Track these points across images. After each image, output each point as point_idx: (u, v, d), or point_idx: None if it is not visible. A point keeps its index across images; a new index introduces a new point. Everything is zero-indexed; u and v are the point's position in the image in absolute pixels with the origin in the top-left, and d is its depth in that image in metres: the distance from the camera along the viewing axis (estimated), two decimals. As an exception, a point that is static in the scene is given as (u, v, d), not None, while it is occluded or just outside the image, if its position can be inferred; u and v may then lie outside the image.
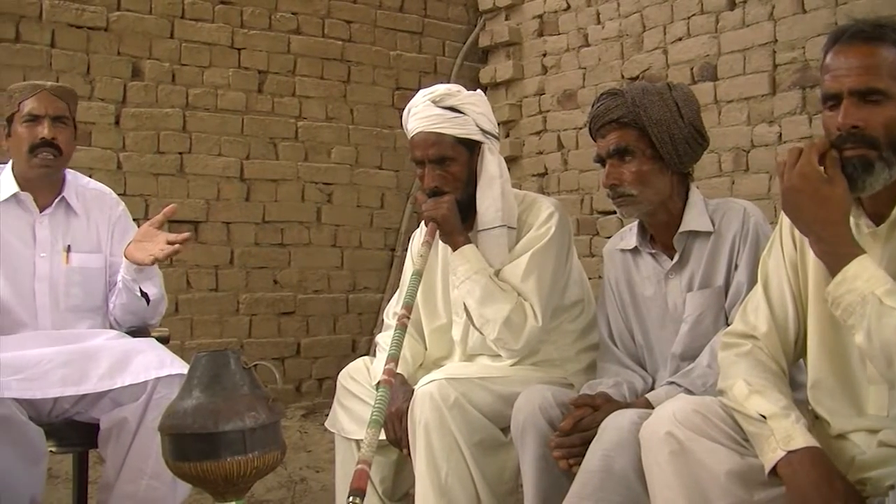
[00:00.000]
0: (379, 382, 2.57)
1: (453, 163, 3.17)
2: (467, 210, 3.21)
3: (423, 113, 3.19)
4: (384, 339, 3.43)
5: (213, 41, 6.18)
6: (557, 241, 3.18)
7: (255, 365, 2.23)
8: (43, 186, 3.45)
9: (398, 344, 2.66)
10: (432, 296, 3.45)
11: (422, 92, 3.26)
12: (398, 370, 3.27)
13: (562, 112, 6.76)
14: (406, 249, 3.66)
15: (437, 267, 3.41)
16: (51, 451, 3.16)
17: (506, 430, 2.94)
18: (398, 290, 3.58)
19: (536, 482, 2.76)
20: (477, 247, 3.16)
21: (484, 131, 3.21)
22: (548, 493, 2.74)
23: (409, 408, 2.98)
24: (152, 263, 3.31)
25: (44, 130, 3.35)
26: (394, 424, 3.06)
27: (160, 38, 5.99)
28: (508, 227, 3.16)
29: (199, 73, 6.12)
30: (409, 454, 3.02)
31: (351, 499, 2.04)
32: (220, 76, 6.18)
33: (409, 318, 2.78)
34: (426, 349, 3.47)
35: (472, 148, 3.20)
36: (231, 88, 6.22)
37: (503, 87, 7.23)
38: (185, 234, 3.33)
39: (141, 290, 3.41)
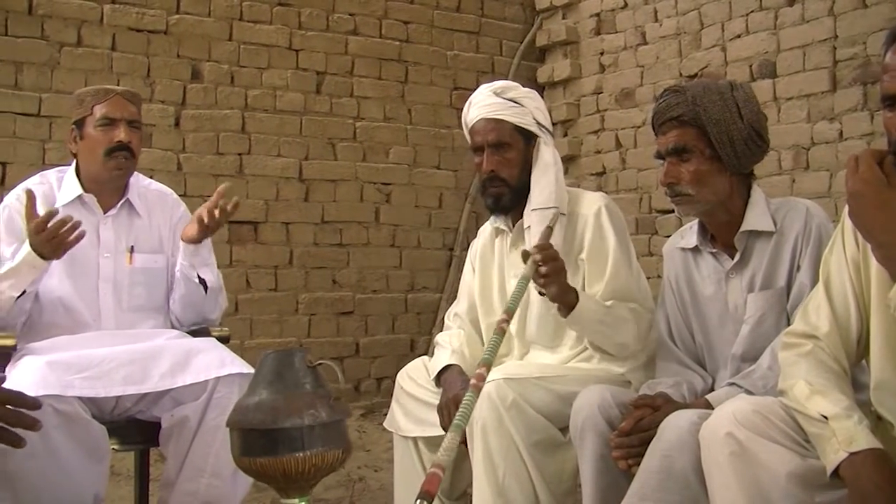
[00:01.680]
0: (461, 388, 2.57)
1: (510, 149, 3.26)
2: (519, 199, 3.28)
3: (484, 101, 3.30)
4: (443, 338, 3.45)
5: (271, 43, 6.22)
6: (620, 232, 3.22)
7: (319, 364, 2.24)
8: (109, 188, 3.50)
9: (493, 349, 2.64)
10: (488, 292, 3.47)
11: (483, 85, 3.37)
12: (454, 362, 3.30)
13: (620, 111, 6.72)
14: (465, 249, 3.67)
15: (492, 263, 3.45)
16: (113, 449, 3.20)
17: (564, 429, 2.93)
18: (459, 292, 3.64)
19: (595, 482, 2.74)
20: (528, 227, 3.22)
21: (539, 124, 3.30)
22: (607, 493, 2.72)
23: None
24: (202, 232, 3.38)
25: (120, 134, 3.39)
26: (449, 411, 3.08)
27: (219, 40, 6.05)
28: (560, 213, 3.19)
29: (257, 75, 6.16)
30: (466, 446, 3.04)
31: (419, 502, 2.03)
32: (278, 77, 6.22)
33: (508, 322, 2.77)
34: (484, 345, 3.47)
35: (528, 139, 3.29)
36: (289, 90, 6.26)
37: (560, 86, 7.20)
38: (222, 187, 3.44)
39: (199, 277, 3.45)
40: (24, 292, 3.19)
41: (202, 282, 3.47)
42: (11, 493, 2.83)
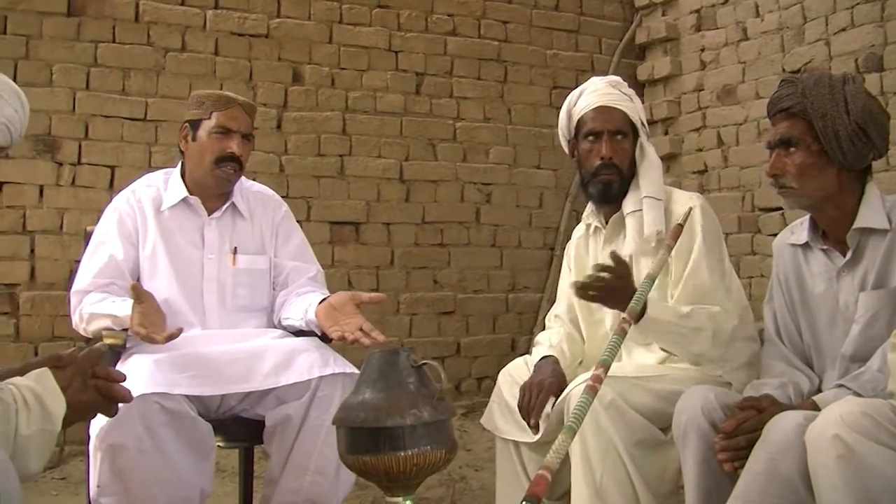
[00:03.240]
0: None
1: (626, 139, 3.29)
2: (623, 191, 3.28)
3: (602, 90, 3.33)
4: (543, 336, 3.44)
5: (370, 45, 6.26)
6: (709, 232, 3.16)
7: (424, 363, 2.24)
8: (214, 192, 3.55)
9: (613, 350, 2.62)
10: None
11: (596, 78, 3.42)
12: (550, 353, 3.28)
13: (721, 108, 6.60)
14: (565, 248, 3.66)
15: (587, 262, 3.41)
16: (218, 446, 3.25)
17: (666, 429, 2.90)
18: (558, 293, 3.63)
19: (698, 484, 2.70)
20: (633, 213, 3.24)
21: (642, 123, 3.33)
22: (710, 495, 2.67)
23: (565, 406, 2.96)
24: (336, 339, 3.30)
25: (233, 146, 3.44)
26: (530, 393, 3.07)
27: (319, 43, 6.10)
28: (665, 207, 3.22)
29: (357, 77, 6.20)
30: (531, 428, 3.06)
31: (524, 504, 2.02)
32: (378, 79, 6.26)
33: (629, 323, 2.75)
34: (584, 344, 3.45)
35: (636, 133, 3.32)
36: (389, 91, 6.29)
37: (661, 83, 7.10)
38: (377, 338, 3.22)
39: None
40: None
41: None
42: (122, 488, 2.91)
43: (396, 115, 6.30)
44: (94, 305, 3.26)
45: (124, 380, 2.27)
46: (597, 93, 3.32)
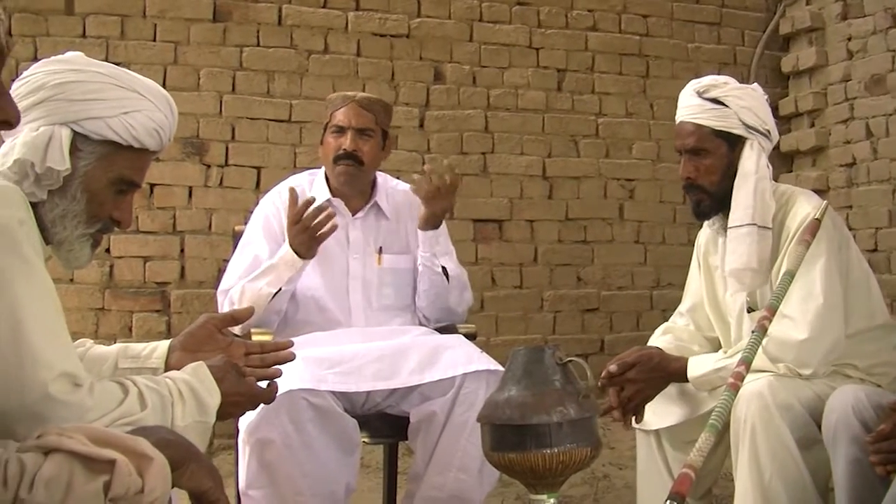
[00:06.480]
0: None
1: (708, 155, 3.07)
2: (723, 204, 3.10)
3: (684, 102, 3.15)
4: (657, 331, 3.43)
5: (511, 42, 6.25)
6: (829, 241, 2.94)
7: (569, 361, 2.23)
8: (353, 192, 3.59)
9: (754, 347, 2.56)
10: (713, 293, 3.34)
11: (692, 82, 3.20)
12: (659, 345, 3.23)
13: (870, 98, 6.36)
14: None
15: (714, 260, 3.30)
16: (363, 442, 3.28)
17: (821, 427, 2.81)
18: (685, 289, 3.53)
19: (848, 486, 2.59)
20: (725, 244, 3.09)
21: (748, 126, 3.06)
22: (862, 498, 2.57)
23: (732, 410, 2.84)
24: (428, 204, 3.46)
25: (346, 142, 3.49)
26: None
27: (460, 41, 6.13)
28: (760, 227, 2.99)
29: (498, 74, 6.20)
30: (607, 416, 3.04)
31: (668, 502, 1.98)
32: (519, 76, 6.25)
33: (770, 320, 2.69)
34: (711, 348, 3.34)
35: (733, 142, 3.07)
36: (531, 88, 6.27)
37: (806, 74, 6.88)
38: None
39: (441, 267, 3.51)
40: (279, 290, 3.32)
41: (444, 270, 3.52)
42: (269, 481, 2.96)
43: (538, 112, 6.28)
44: (245, 285, 3.36)
45: (280, 375, 2.37)
46: (680, 106, 3.17)
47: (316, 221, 3.24)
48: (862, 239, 5.98)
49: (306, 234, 3.25)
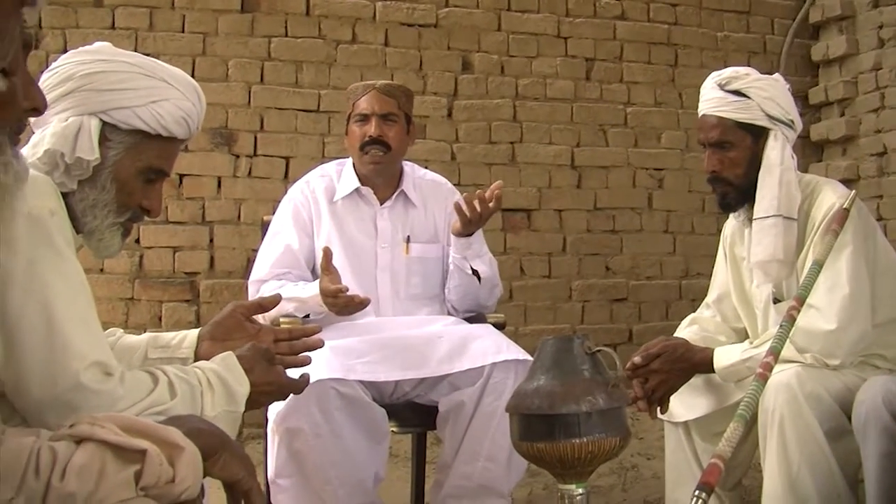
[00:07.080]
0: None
1: (732, 148, 3.06)
2: (746, 197, 3.10)
3: (707, 95, 3.12)
4: (684, 322, 3.45)
5: (539, 31, 6.23)
6: (855, 233, 2.91)
7: (598, 350, 2.22)
8: (380, 181, 3.59)
9: (782, 338, 2.55)
10: (740, 284, 3.32)
11: (713, 74, 3.16)
12: (685, 336, 3.22)
13: (902, 87, 6.33)
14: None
15: (743, 249, 3.26)
16: (392, 431, 3.29)
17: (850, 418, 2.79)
18: (711, 279, 3.51)
19: (879, 478, 2.57)
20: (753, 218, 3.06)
21: (771, 117, 3.03)
22: (893, 489, 2.54)
23: (760, 400, 2.82)
24: (465, 224, 3.39)
25: (371, 129, 3.49)
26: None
27: (488, 31, 6.10)
28: (785, 218, 2.98)
29: (527, 64, 6.18)
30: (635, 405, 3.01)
31: (697, 493, 1.98)
32: (547, 66, 6.23)
33: (798, 310, 2.67)
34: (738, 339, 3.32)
35: (757, 134, 3.05)
36: (559, 77, 6.25)
37: (836, 63, 6.79)
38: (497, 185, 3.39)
39: (472, 269, 3.49)
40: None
41: (475, 272, 3.50)
42: (299, 470, 2.99)
43: (567, 102, 6.26)
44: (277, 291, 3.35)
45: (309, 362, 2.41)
46: (703, 98, 3.13)
47: (351, 306, 3.22)
48: (893, 228, 5.94)
49: (336, 309, 3.23)
